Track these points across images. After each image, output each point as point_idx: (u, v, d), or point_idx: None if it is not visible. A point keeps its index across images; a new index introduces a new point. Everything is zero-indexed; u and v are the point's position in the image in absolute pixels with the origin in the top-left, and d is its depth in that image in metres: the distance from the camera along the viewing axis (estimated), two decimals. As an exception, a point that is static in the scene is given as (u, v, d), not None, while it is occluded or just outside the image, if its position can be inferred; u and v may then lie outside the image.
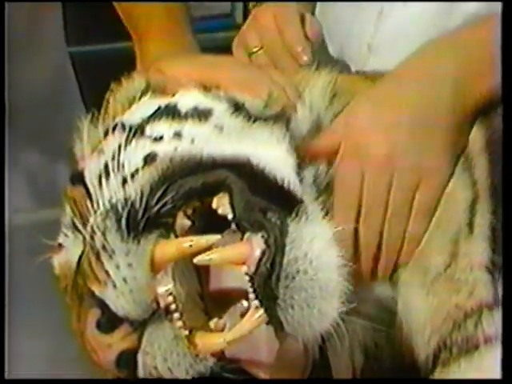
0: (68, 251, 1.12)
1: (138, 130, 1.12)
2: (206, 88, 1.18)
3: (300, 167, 1.08)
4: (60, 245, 1.15)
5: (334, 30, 1.56)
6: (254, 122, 1.13)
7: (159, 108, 1.16)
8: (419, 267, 1.13)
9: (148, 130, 1.12)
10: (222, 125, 1.12)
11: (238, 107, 1.15)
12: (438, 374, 1.11)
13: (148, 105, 1.18)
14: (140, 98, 1.21)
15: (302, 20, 1.42)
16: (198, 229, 1.02)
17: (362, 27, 1.51)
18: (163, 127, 1.12)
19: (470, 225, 1.12)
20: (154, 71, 1.26)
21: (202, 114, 1.13)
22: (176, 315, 0.98)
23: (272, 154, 1.07)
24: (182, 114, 1.14)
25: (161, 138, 1.10)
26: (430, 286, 1.12)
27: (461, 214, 1.12)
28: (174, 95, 1.18)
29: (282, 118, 1.15)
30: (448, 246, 1.12)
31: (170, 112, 1.14)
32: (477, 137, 1.14)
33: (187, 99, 1.17)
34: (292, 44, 1.36)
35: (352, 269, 0.99)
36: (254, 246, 0.96)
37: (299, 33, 1.39)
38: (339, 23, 1.56)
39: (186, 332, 0.98)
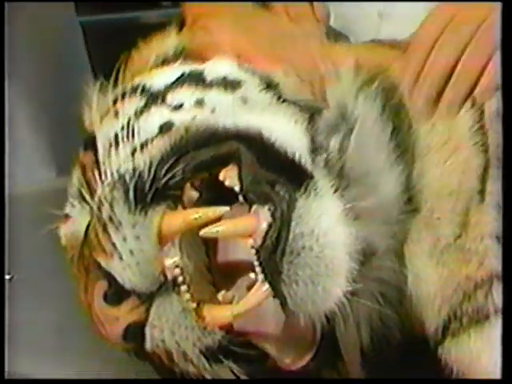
0: (75, 222, 1.12)
1: (158, 97, 1.10)
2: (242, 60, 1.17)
3: (312, 152, 1.05)
4: (67, 215, 1.14)
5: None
6: (283, 102, 1.12)
7: (183, 74, 1.14)
8: (429, 238, 1.11)
9: (169, 97, 1.10)
10: (248, 98, 1.11)
11: (270, 85, 1.14)
12: (448, 344, 1.11)
13: (174, 71, 1.16)
14: (168, 64, 1.20)
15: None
16: (205, 200, 1.01)
17: None
18: (185, 95, 1.10)
19: (482, 192, 1.10)
20: (199, 28, 1.24)
21: (229, 85, 1.12)
22: (183, 288, 0.97)
23: (286, 129, 1.05)
24: (207, 81, 1.12)
25: (181, 106, 1.08)
26: (439, 257, 1.11)
27: (473, 181, 1.10)
28: (205, 62, 1.17)
29: (310, 108, 1.12)
30: (459, 215, 1.10)
31: (194, 79, 1.13)
32: (491, 102, 1.12)
33: (217, 68, 1.15)
34: None
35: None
36: (261, 218, 0.95)
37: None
38: None
39: (194, 305, 0.97)
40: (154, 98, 1.10)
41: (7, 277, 1.40)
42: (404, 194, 1.11)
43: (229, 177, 0.99)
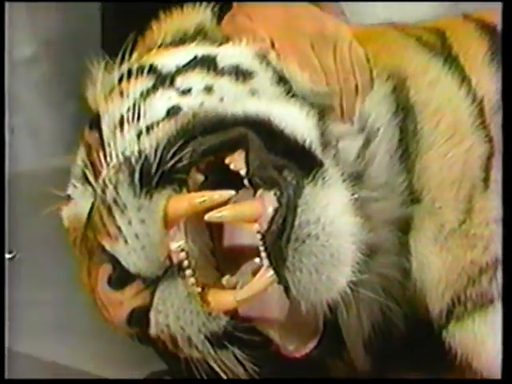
0: (77, 203, 1.11)
1: (167, 79, 1.09)
2: (263, 50, 1.15)
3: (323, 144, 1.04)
4: (69, 196, 1.13)
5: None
6: (292, 97, 1.10)
7: (195, 57, 1.12)
8: (432, 225, 1.11)
9: (179, 80, 1.09)
10: (258, 90, 1.09)
11: (282, 80, 1.12)
12: (452, 328, 1.11)
13: (188, 52, 1.14)
14: (186, 42, 1.18)
15: None
16: (211, 184, 1.00)
17: None
18: (195, 79, 1.09)
19: (486, 180, 1.11)
20: (242, 14, 1.22)
21: (241, 74, 1.10)
22: (188, 272, 0.96)
23: (296, 118, 1.03)
24: (219, 68, 1.11)
25: (189, 90, 1.07)
26: (444, 243, 1.11)
27: (476, 170, 1.11)
28: (221, 45, 1.16)
29: (320, 106, 1.11)
30: (462, 203, 1.11)
31: (206, 63, 1.11)
32: (491, 93, 1.13)
33: (231, 54, 1.13)
34: None
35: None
36: (266, 203, 0.94)
37: None
38: None
39: (199, 289, 0.97)
40: (163, 79, 1.09)
41: (8, 256, 1.39)
42: (407, 189, 1.11)
43: (235, 161, 0.98)
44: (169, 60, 1.13)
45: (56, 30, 2.20)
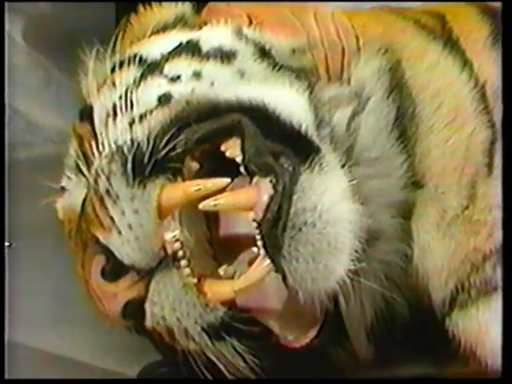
0: (71, 195, 1.09)
1: (155, 67, 1.08)
2: (239, 26, 1.14)
3: (318, 127, 1.03)
4: (63, 188, 1.12)
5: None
6: (279, 70, 1.09)
7: (180, 44, 1.11)
8: (435, 210, 1.09)
9: (166, 67, 1.07)
10: (245, 70, 1.08)
11: (264, 52, 1.10)
12: (455, 316, 1.09)
13: (171, 39, 1.13)
14: (167, 30, 1.17)
15: None
16: (206, 172, 0.98)
17: None
18: (182, 66, 1.07)
19: (489, 166, 1.09)
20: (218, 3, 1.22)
21: (225, 56, 1.08)
22: (184, 262, 0.95)
23: (289, 100, 1.02)
24: (203, 52, 1.09)
25: (178, 77, 1.06)
26: (446, 229, 1.09)
27: (479, 155, 1.09)
28: (200, 28, 1.14)
29: (306, 73, 1.10)
30: (465, 189, 1.09)
31: (191, 49, 1.10)
32: (494, 77, 1.11)
33: (211, 37, 1.12)
34: None
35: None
36: (262, 190, 0.92)
37: None
38: None
39: (195, 280, 0.95)
40: (151, 68, 1.07)
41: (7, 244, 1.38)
42: (408, 172, 1.09)
43: (230, 147, 0.96)
44: (155, 48, 1.11)
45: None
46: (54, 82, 2.04)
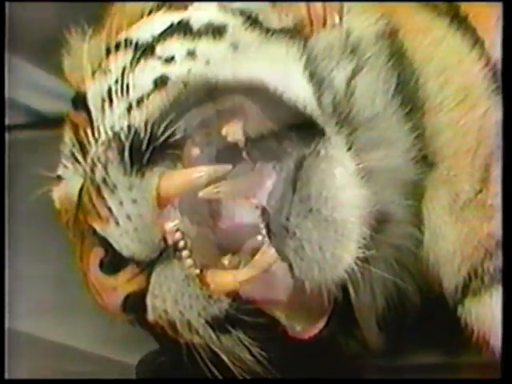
0: (68, 184, 1.07)
1: (147, 49, 1.05)
2: None
3: (317, 93, 1.00)
4: (59, 177, 1.09)
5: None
6: (272, 35, 1.05)
7: (171, 25, 1.08)
8: (447, 194, 1.06)
9: (159, 49, 1.04)
10: (238, 42, 1.04)
11: (253, 20, 1.07)
12: (468, 304, 1.06)
13: (159, 21, 1.10)
14: (150, 13, 1.13)
15: None
16: (207, 158, 0.95)
17: None
18: (175, 46, 1.04)
19: None
20: None
21: (216, 31, 1.05)
22: (185, 253, 0.92)
23: (289, 76, 0.99)
24: (195, 30, 1.06)
25: (172, 58, 1.02)
26: (459, 214, 1.06)
27: (492, 137, 1.05)
28: (186, 9, 1.10)
29: (298, 33, 1.07)
30: (478, 171, 1.06)
31: (182, 28, 1.06)
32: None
33: (200, 14, 1.08)
34: None
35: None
36: (265, 176, 0.90)
37: None
38: None
39: (197, 271, 0.93)
40: (143, 50, 1.04)
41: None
42: (417, 153, 1.06)
43: (232, 132, 0.93)
44: (144, 30, 1.08)
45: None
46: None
